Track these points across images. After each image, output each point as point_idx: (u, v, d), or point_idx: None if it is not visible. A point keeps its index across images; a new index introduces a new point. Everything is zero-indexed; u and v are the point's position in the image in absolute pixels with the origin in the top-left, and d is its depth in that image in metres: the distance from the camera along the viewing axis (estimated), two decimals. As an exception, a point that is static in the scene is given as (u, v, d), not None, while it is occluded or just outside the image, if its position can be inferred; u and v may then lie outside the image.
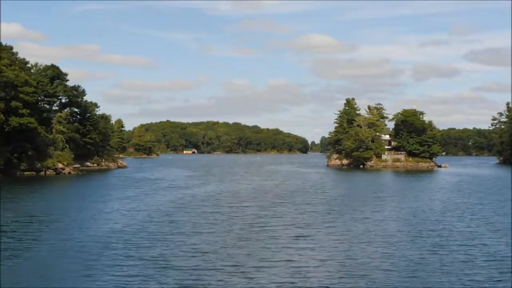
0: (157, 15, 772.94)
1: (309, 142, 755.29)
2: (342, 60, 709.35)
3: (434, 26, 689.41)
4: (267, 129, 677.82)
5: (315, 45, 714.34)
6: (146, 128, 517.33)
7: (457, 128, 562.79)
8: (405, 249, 42.57)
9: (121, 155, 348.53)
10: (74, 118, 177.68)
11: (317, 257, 39.58)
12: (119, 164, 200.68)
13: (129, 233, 49.12)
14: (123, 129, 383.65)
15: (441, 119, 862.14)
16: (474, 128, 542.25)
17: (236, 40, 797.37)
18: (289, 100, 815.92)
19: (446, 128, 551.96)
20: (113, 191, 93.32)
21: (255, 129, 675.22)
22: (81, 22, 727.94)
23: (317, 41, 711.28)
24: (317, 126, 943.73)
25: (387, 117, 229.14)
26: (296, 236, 48.31)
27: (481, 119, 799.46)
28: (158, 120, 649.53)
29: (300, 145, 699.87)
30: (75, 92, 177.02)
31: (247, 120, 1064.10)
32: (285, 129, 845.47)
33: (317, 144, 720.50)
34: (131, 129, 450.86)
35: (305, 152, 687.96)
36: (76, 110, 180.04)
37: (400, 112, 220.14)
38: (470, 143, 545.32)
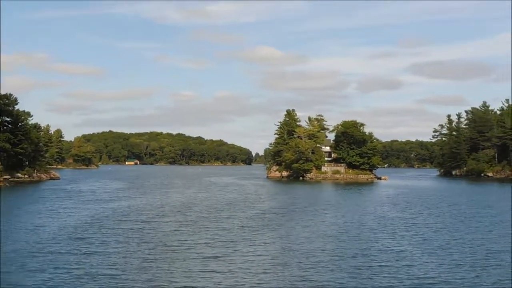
0: (109, 24, 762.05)
1: (254, 154, 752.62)
2: (290, 72, 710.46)
3: (383, 38, 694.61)
4: (211, 140, 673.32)
5: (264, 57, 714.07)
6: (88, 138, 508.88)
7: (399, 140, 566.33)
8: (323, 273, 38.63)
9: (59, 166, 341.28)
10: (4, 128, 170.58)
11: (222, 285, 35.29)
12: (52, 176, 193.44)
13: (23, 254, 44.19)
14: (62, 139, 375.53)
15: (386, 131, 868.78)
16: (416, 140, 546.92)
17: (185, 50, 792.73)
18: (236, 111, 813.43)
19: (389, 140, 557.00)
20: (31, 205, 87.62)
21: (199, 140, 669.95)
22: (36, 29, 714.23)
23: (266, 52, 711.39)
24: (263, 137, 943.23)
25: (327, 129, 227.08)
26: (209, 257, 44.01)
27: (424, 131, 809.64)
28: (101, 131, 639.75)
29: (244, 157, 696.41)
30: (6, 101, 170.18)
31: (194, 131, 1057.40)
32: (232, 140, 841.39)
33: (262, 155, 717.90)
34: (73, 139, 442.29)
35: (249, 163, 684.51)
36: (7, 119, 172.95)
37: (341, 123, 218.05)
38: (413, 155, 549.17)
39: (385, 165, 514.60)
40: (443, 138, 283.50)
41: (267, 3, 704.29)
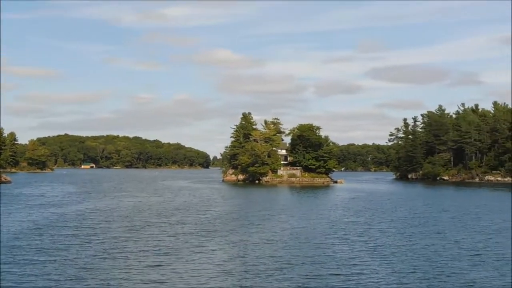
0: (62, 27, 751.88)
1: (212, 157, 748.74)
2: (247, 75, 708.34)
3: (339, 43, 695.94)
4: (169, 143, 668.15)
5: (221, 60, 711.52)
6: (43, 142, 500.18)
7: (356, 143, 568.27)
8: (268, 282, 36.62)
9: (13, 170, 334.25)
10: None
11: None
12: (3, 179, 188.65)
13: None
14: (16, 142, 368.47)
15: (344, 135, 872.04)
16: (373, 143, 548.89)
17: (141, 53, 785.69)
18: (193, 115, 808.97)
19: (346, 143, 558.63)
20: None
21: (156, 143, 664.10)
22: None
23: (223, 56, 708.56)
24: (221, 141, 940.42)
25: (284, 132, 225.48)
26: (150, 266, 41.72)
27: (382, 135, 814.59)
28: (57, 134, 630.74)
29: (201, 160, 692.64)
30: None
31: (152, 135, 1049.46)
32: (189, 144, 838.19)
33: (220, 159, 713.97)
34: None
35: (207, 167, 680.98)
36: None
37: (297, 127, 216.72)
38: (369, 158, 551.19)
39: (342, 169, 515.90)
40: (399, 142, 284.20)
41: (223, 7, 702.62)
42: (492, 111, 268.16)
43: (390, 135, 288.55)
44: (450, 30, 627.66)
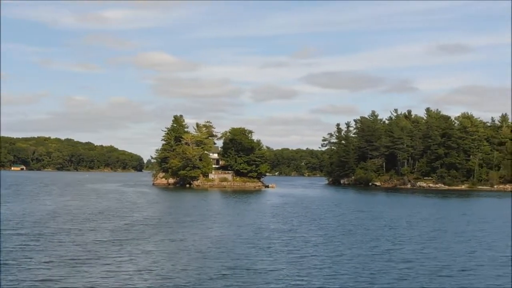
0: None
1: (146, 160, 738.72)
2: (183, 78, 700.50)
3: (276, 48, 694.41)
4: (101, 146, 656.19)
5: (158, 63, 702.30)
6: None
7: (290, 148, 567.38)
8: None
9: None
10: None
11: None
12: None
13: None
14: None
15: (279, 139, 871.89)
16: (307, 148, 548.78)
17: (79, 55, 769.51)
18: (129, 117, 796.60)
19: (280, 148, 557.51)
20: None
21: (89, 145, 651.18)
22: None
23: (160, 59, 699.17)
24: (156, 144, 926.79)
25: (216, 135, 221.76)
26: (44, 280, 37.25)
27: (317, 140, 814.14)
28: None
29: (135, 163, 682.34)
30: None
31: (86, 137, 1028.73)
32: (124, 147, 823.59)
33: (154, 162, 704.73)
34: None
35: (140, 170, 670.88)
36: None
37: (229, 130, 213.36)
38: (303, 163, 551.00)
39: (276, 173, 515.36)
40: (332, 147, 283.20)
41: (161, 10, 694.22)
42: (425, 118, 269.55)
43: (323, 140, 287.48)
44: (385, 37, 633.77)
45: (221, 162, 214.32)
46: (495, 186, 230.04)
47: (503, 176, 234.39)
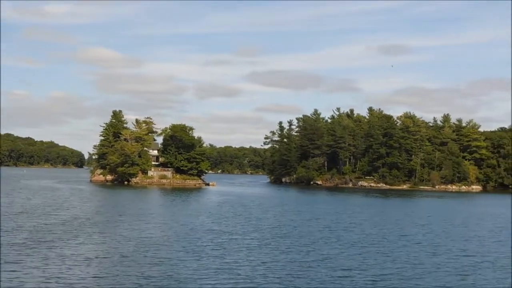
0: None
1: (87, 157, 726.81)
2: (126, 75, 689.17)
3: (219, 46, 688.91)
4: (41, 141, 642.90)
5: (100, 59, 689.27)
6: None
7: (233, 146, 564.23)
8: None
9: None
10: None
11: None
12: None
13: None
14: None
15: (222, 137, 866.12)
16: (250, 146, 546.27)
17: (19, 48, 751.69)
18: (71, 113, 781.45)
19: (224, 146, 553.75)
20: None
21: (29, 141, 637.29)
22: None
23: (103, 54, 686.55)
24: (97, 140, 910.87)
25: (156, 132, 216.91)
26: None
27: (260, 138, 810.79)
28: None
29: (75, 159, 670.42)
30: None
31: (26, 132, 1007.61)
32: (66, 142, 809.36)
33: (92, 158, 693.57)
34: None
35: (81, 166, 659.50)
36: None
37: (169, 127, 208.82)
38: (246, 161, 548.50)
39: (219, 171, 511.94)
40: (275, 145, 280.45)
41: (104, 6, 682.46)
42: (367, 117, 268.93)
43: (265, 138, 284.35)
44: (328, 37, 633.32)
45: (161, 159, 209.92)
46: (437, 186, 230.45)
47: (445, 176, 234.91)
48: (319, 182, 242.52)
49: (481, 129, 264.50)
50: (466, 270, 45.41)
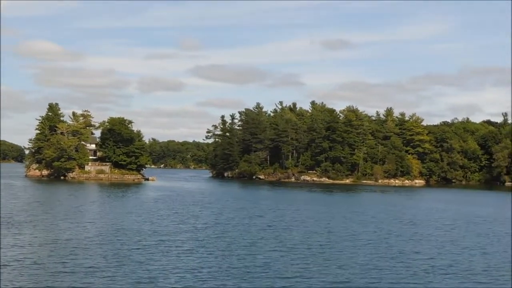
0: None
1: (27, 151, 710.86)
2: (67, 68, 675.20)
3: (162, 40, 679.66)
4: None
5: (41, 52, 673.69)
6: None
7: (177, 140, 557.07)
8: None
9: None
10: None
11: None
12: None
13: None
14: None
15: (166, 132, 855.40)
16: (194, 141, 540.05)
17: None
18: (11, 107, 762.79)
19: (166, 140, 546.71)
20: None
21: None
22: None
23: (43, 48, 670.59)
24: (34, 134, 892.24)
25: (94, 125, 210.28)
26: None
27: (203, 133, 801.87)
28: None
29: (15, 154, 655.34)
30: None
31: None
32: (6, 137, 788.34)
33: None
34: None
35: (21, 161, 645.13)
36: None
37: (107, 120, 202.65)
38: (189, 155, 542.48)
39: (161, 166, 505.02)
40: (217, 139, 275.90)
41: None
42: (310, 111, 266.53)
43: (207, 132, 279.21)
44: (271, 32, 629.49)
45: (98, 153, 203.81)
46: (380, 181, 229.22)
47: (388, 171, 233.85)
48: (262, 177, 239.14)
49: (423, 123, 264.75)
50: (421, 274, 41.77)
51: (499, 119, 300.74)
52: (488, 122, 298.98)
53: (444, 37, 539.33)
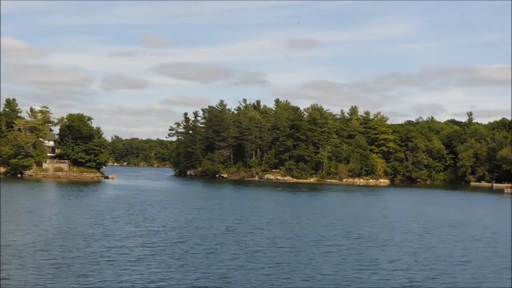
0: None
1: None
2: (31, 65, 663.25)
3: (126, 38, 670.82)
4: None
5: (4, 48, 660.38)
6: None
7: (140, 138, 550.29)
8: None
9: None
10: None
11: None
12: None
13: None
14: None
15: (130, 129, 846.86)
16: (157, 139, 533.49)
17: None
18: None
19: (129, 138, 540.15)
20: None
21: None
22: None
23: (6, 44, 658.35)
24: None
25: (53, 122, 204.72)
26: None
27: (167, 131, 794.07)
28: None
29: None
30: None
31: None
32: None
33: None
34: None
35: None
36: None
37: (66, 116, 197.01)
38: (152, 153, 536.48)
39: (124, 163, 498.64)
40: (180, 137, 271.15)
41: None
42: (274, 109, 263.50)
43: (170, 129, 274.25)
44: (236, 31, 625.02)
45: (57, 151, 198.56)
46: (344, 180, 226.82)
47: (352, 170, 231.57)
48: (225, 175, 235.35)
49: (388, 122, 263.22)
50: None
51: (463, 119, 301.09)
52: (453, 122, 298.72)
53: (410, 37, 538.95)
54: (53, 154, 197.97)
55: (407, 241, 59.86)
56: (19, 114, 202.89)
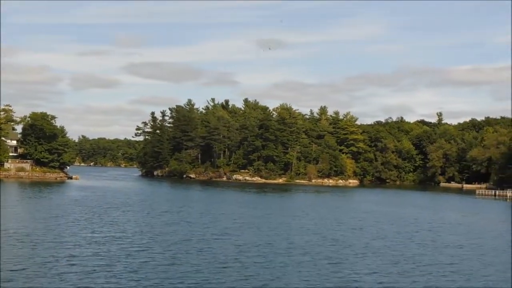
0: None
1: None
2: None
3: (95, 37, 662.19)
4: None
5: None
6: None
7: (108, 138, 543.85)
8: None
9: None
10: None
11: None
12: None
13: None
14: None
15: (98, 129, 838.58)
16: (125, 138, 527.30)
17: None
18: None
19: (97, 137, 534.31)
20: None
21: None
22: None
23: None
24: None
25: (16, 120, 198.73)
26: None
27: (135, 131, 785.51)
28: None
29: None
30: None
31: None
32: None
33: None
34: None
35: None
36: None
37: (29, 115, 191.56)
38: (120, 153, 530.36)
39: (91, 163, 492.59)
40: (147, 137, 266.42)
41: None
42: (243, 108, 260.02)
43: (137, 129, 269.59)
44: (206, 31, 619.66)
45: (19, 150, 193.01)
46: (313, 180, 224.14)
47: (322, 170, 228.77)
48: (192, 176, 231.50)
49: (357, 123, 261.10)
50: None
51: (432, 120, 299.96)
52: (423, 122, 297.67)
53: (381, 38, 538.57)
54: (15, 154, 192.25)
55: (387, 247, 55.99)
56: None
